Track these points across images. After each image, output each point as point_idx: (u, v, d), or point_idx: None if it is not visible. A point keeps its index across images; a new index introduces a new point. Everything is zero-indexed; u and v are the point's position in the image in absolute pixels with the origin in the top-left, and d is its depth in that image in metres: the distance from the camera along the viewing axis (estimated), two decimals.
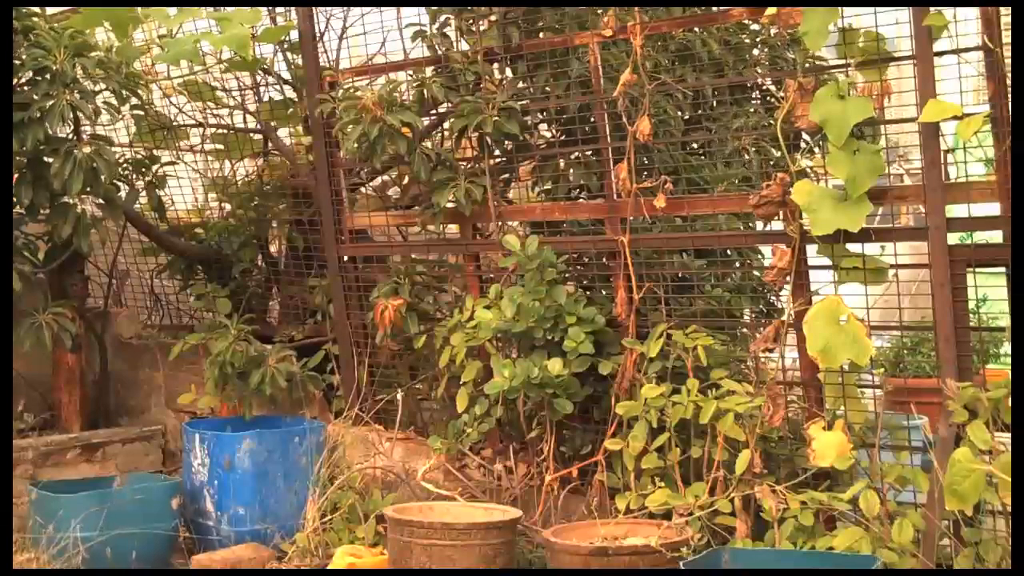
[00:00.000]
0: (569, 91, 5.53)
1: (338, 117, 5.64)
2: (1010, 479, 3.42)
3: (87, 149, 5.58)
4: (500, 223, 5.65)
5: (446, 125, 6.01)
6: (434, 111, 5.96)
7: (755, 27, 5.91)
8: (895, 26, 4.58)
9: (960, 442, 3.95)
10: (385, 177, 6.57)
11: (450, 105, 5.64)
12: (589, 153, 5.58)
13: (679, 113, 5.67)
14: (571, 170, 5.74)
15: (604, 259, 5.34)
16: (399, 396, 5.83)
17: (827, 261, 4.56)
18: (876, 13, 4.46)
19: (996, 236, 4.45)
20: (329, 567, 4.93)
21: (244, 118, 7.06)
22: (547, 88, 5.63)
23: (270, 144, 7.03)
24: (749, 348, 4.96)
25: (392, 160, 5.70)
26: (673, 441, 4.67)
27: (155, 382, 6.79)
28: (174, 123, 7.01)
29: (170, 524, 5.33)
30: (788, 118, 4.54)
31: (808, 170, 4.81)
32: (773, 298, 5.80)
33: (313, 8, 6.14)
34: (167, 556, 5.43)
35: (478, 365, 5.30)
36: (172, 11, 6.02)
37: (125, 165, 6.26)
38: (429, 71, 5.79)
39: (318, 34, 6.20)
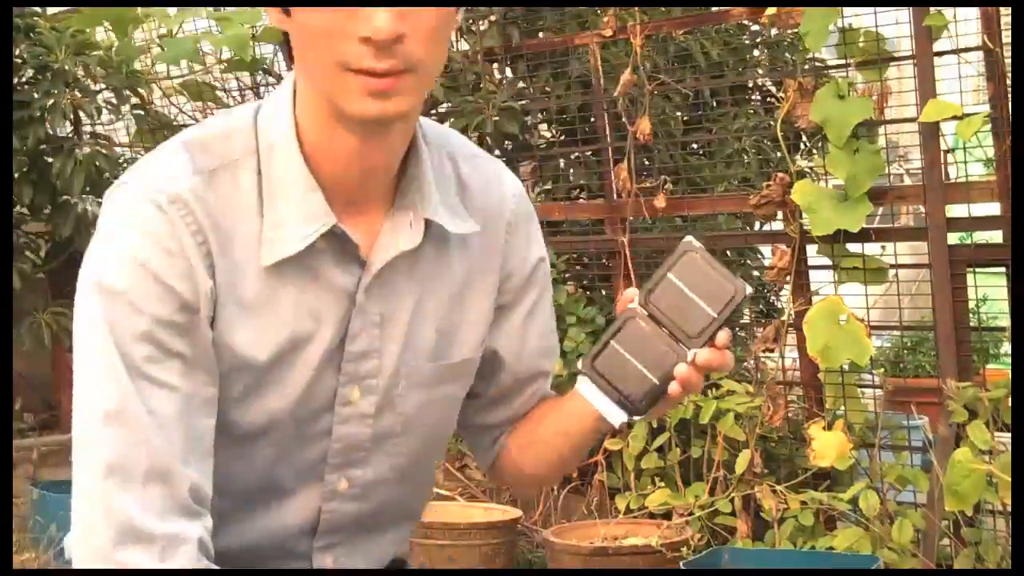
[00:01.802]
0: (569, 91, 5.52)
1: None
2: (1010, 479, 3.42)
3: (88, 148, 5.58)
4: None
5: (446, 125, 5.99)
6: (434, 111, 5.96)
7: (755, 28, 5.91)
8: (895, 26, 4.58)
9: (960, 442, 3.95)
10: None
11: (450, 105, 5.64)
12: (589, 153, 5.58)
13: (678, 114, 5.67)
14: (571, 170, 5.74)
15: (604, 259, 5.33)
16: None
17: (827, 261, 4.56)
18: (876, 13, 4.45)
19: (996, 236, 4.45)
20: None
21: None
22: (547, 88, 5.62)
23: None
24: (749, 348, 4.96)
25: None
26: (673, 441, 4.66)
27: None
28: (174, 123, 7.00)
29: None
30: (788, 118, 4.54)
31: (808, 170, 4.81)
32: (773, 298, 5.79)
33: None
34: None
35: None
36: (172, 11, 6.02)
37: (126, 165, 6.25)
38: None
39: None
